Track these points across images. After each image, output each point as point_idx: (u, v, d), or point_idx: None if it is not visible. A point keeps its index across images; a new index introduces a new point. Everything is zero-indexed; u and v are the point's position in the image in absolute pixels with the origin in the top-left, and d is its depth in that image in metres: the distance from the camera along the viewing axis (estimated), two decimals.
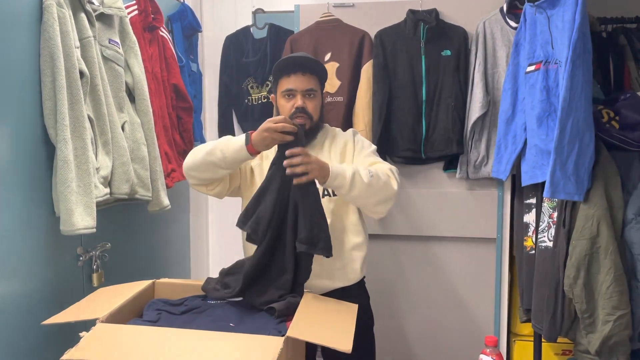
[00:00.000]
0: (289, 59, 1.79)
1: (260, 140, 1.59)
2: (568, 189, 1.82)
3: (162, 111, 2.25)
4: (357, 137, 1.88)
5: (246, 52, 2.95)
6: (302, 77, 1.74)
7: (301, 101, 1.74)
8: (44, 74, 1.59)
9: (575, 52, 1.77)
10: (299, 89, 1.74)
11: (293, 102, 1.74)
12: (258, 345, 1.25)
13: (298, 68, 1.75)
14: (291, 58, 1.79)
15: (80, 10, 1.72)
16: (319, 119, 1.82)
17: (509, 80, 2.21)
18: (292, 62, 1.76)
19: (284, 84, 1.76)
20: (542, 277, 2.00)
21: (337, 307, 1.56)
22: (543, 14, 1.97)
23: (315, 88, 1.77)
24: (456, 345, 2.62)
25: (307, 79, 1.75)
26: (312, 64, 1.78)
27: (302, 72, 1.75)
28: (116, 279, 1.82)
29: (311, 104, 1.76)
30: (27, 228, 1.58)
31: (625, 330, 1.79)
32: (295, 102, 1.74)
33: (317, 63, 1.82)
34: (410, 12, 2.49)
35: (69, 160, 1.58)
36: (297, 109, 1.73)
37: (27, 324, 1.57)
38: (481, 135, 2.44)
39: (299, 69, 1.75)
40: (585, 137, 1.81)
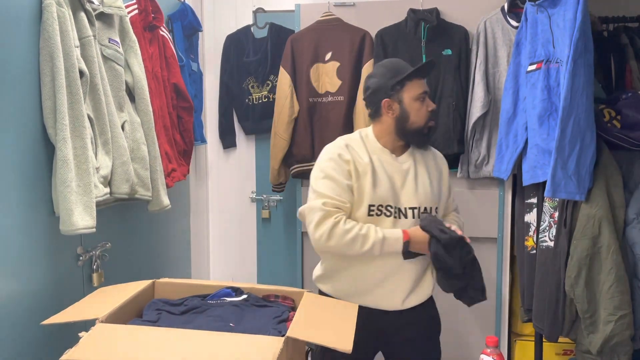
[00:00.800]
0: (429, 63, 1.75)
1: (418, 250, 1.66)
2: (569, 189, 1.82)
3: (162, 111, 2.24)
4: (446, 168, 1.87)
5: (247, 51, 2.95)
6: (424, 82, 1.74)
7: (432, 103, 1.73)
8: (44, 73, 1.58)
9: (577, 51, 1.76)
10: (427, 91, 1.73)
11: (427, 104, 1.72)
12: (258, 345, 1.25)
13: (426, 71, 1.74)
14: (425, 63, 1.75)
15: (80, 10, 1.71)
16: None
17: (510, 80, 2.20)
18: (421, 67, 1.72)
19: (417, 87, 1.70)
20: (543, 277, 2.00)
21: (337, 307, 1.56)
22: (544, 13, 1.97)
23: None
24: (457, 345, 2.61)
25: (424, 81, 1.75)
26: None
27: (424, 77, 1.75)
28: (116, 279, 1.82)
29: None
30: (27, 228, 1.58)
31: (627, 330, 1.78)
32: (429, 105, 1.72)
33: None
34: (411, 11, 2.49)
35: (69, 160, 1.58)
36: (432, 112, 1.73)
37: (27, 324, 1.57)
38: (482, 135, 2.44)
39: (427, 71, 1.75)
40: (587, 136, 1.80)
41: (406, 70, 1.70)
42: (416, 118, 1.70)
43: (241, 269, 3.18)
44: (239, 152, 3.12)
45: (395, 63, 1.76)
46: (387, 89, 1.70)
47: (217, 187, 3.16)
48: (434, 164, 1.81)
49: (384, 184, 1.70)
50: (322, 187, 1.65)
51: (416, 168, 1.75)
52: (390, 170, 1.72)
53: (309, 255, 2.75)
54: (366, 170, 1.69)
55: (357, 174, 1.69)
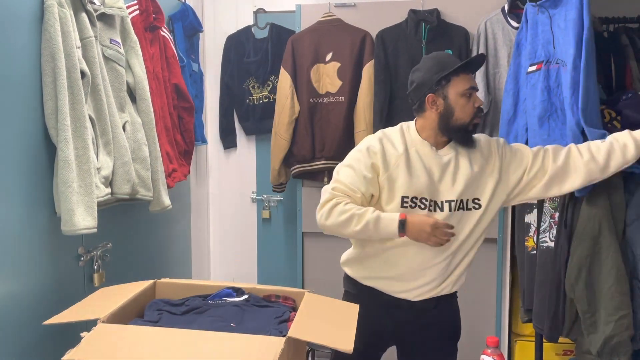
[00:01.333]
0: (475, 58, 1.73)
1: (416, 234, 1.59)
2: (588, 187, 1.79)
3: (163, 111, 2.25)
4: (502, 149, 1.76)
5: (247, 52, 2.95)
6: (471, 77, 1.69)
7: (479, 100, 1.68)
8: (45, 74, 1.59)
9: (588, 52, 1.75)
10: (475, 87, 1.68)
11: (474, 101, 1.67)
12: (259, 345, 1.25)
13: (474, 66, 1.71)
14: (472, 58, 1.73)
15: (82, 10, 1.71)
16: None
17: (511, 81, 2.20)
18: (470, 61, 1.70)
19: (464, 82, 1.66)
20: (544, 277, 2.00)
21: (338, 307, 1.56)
22: (545, 14, 1.97)
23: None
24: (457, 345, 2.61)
25: (472, 77, 1.71)
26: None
27: (472, 72, 1.72)
28: (117, 279, 1.82)
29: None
30: (28, 228, 1.58)
31: (627, 331, 1.78)
32: (476, 101, 1.67)
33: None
34: (411, 12, 2.49)
35: (70, 160, 1.58)
36: (478, 109, 1.68)
37: (29, 324, 1.57)
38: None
39: (475, 66, 1.72)
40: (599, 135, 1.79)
41: (453, 65, 1.66)
42: (461, 114, 1.66)
43: (242, 269, 3.18)
44: (239, 153, 3.12)
45: (442, 57, 1.72)
46: (432, 84, 1.66)
47: (218, 188, 3.16)
48: (479, 153, 1.73)
49: (420, 176, 1.68)
50: (341, 175, 1.69)
51: (457, 161, 1.71)
52: (429, 163, 1.70)
53: (310, 255, 2.75)
54: (399, 162, 1.68)
55: (386, 165, 1.68)
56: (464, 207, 1.70)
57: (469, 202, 1.70)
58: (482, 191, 1.71)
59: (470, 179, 1.70)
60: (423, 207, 1.68)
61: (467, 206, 1.70)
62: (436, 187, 1.69)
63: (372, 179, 1.67)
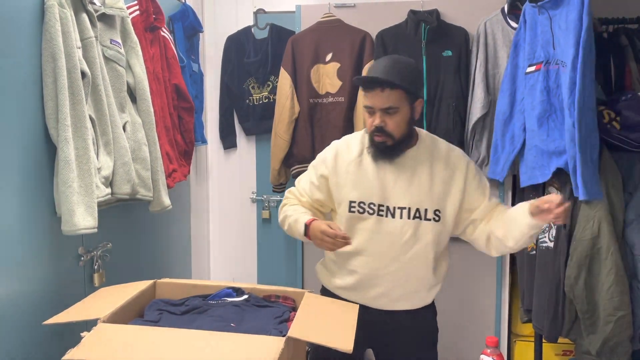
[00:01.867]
0: (366, 78, 1.71)
1: (314, 238, 1.63)
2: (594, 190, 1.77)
3: (163, 111, 2.25)
4: (470, 171, 1.74)
5: (247, 52, 2.95)
6: (380, 94, 1.62)
7: (379, 120, 1.64)
8: (46, 74, 1.59)
9: (585, 52, 1.75)
10: (377, 106, 1.64)
11: (372, 120, 1.66)
12: (259, 345, 1.25)
13: (377, 85, 1.63)
14: (369, 77, 1.68)
15: (82, 11, 1.72)
16: (405, 133, 1.69)
17: (507, 81, 2.20)
18: (367, 80, 1.67)
19: (365, 99, 1.68)
20: (543, 277, 2.00)
21: (338, 307, 1.56)
22: (545, 14, 1.97)
23: (396, 104, 1.63)
24: (457, 345, 2.62)
25: (387, 95, 1.62)
26: (392, 79, 1.62)
27: (381, 89, 1.63)
28: (117, 279, 1.82)
29: (392, 121, 1.64)
30: (29, 228, 1.58)
31: (626, 331, 1.79)
32: (374, 120, 1.65)
33: (398, 76, 1.63)
34: (411, 12, 2.49)
35: (71, 161, 1.58)
36: (375, 127, 1.66)
37: (29, 324, 1.58)
38: (482, 136, 2.44)
39: (378, 85, 1.63)
40: (593, 136, 1.80)
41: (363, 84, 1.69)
42: (368, 127, 1.71)
43: (241, 269, 3.18)
44: (239, 153, 3.12)
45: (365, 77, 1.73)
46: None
47: (218, 188, 3.17)
48: (443, 165, 1.72)
49: (370, 181, 1.70)
50: (300, 178, 1.86)
51: (415, 168, 1.71)
52: (384, 168, 1.71)
53: (310, 255, 2.75)
54: (349, 168, 1.73)
55: (335, 172, 1.75)
56: (421, 217, 1.70)
57: (427, 212, 1.69)
58: (445, 205, 1.71)
59: (429, 188, 1.69)
60: (372, 212, 1.70)
61: (425, 216, 1.70)
62: (388, 192, 1.70)
63: (319, 186, 1.79)
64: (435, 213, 1.70)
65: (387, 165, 1.71)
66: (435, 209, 1.69)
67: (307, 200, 1.80)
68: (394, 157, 1.70)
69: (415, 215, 1.69)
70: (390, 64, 1.66)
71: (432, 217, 1.69)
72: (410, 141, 1.73)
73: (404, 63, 1.69)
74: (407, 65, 1.69)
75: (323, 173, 1.77)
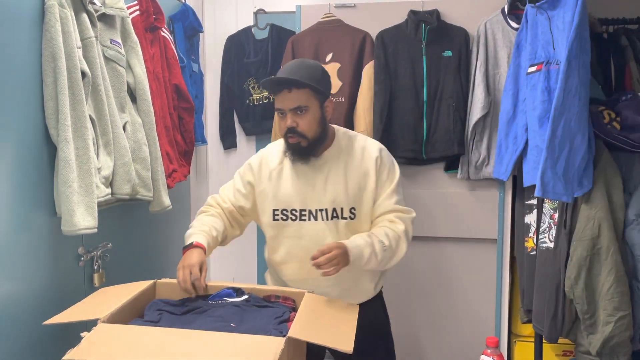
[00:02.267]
0: (272, 79, 1.71)
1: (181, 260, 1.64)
2: (557, 189, 1.82)
3: (163, 111, 2.25)
4: (382, 167, 1.76)
5: (247, 52, 2.95)
6: (288, 95, 1.65)
7: (290, 120, 1.66)
8: (46, 74, 1.59)
9: (572, 53, 1.76)
10: (286, 108, 1.67)
11: (284, 122, 1.69)
12: (259, 345, 1.25)
13: (283, 86, 1.65)
14: (274, 79, 1.70)
15: (82, 11, 1.72)
16: (320, 132, 1.72)
17: (510, 81, 2.21)
18: (275, 82, 1.68)
19: (276, 102, 1.70)
20: (543, 278, 2.00)
21: (339, 307, 1.56)
22: (544, 15, 1.97)
23: (305, 103, 1.66)
24: (457, 345, 2.62)
25: (294, 95, 1.65)
26: (299, 77, 1.63)
27: (288, 89, 1.65)
28: (117, 279, 1.82)
29: (303, 121, 1.67)
30: (29, 228, 1.58)
31: (626, 331, 1.79)
32: (286, 122, 1.67)
33: (304, 75, 1.65)
34: (411, 12, 2.49)
35: (71, 161, 1.58)
36: (287, 129, 1.68)
37: (29, 324, 1.58)
38: (482, 136, 2.44)
39: (284, 86, 1.65)
40: (577, 139, 1.80)
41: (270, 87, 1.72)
42: (279, 131, 1.74)
43: (241, 270, 3.18)
44: (239, 153, 3.12)
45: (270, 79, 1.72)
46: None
47: (218, 188, 3.15)
48: (358, 164, 1.74)
49: (289, 188, 1.74)
50: (225, 184, 1.89)
51: (331, 168, 1.74)
52: (303, 172, 1.74)
53: None
54: (272, 176, 1.77)
55: (259, 180, 1.78)
56: (338, 216, 1.73)
57: (344, 211, 1.72)
58: (361, 202, 1.73)
59: (344, 187, 1.72)
60: (294, 218, 1.74)
61: (342, 215, 1.72)
62: (308, 196, 1.73)
63: (246, 194, 1.82)
64: (351, 211, 1.73)
65: (305, 169, 1.74)
66: (351, 207, 1.73)
67: (229, 207, 1.83)
68: (309, 157, 1.72)
69: (332, 216, 1.73)
70: (296, 65, 1.71)
71: (348, 216, 1.73)
72: (325, 141, 1.75)
73: (310, 64, 1.74)
74: (313, 65, 1.73)
75: (250, 180, 1.81)
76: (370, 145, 1.79)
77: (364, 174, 1.74)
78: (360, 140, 1.80)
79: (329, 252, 1.54)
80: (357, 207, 1.73)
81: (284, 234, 1.78)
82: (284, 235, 1.78)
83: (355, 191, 1.73)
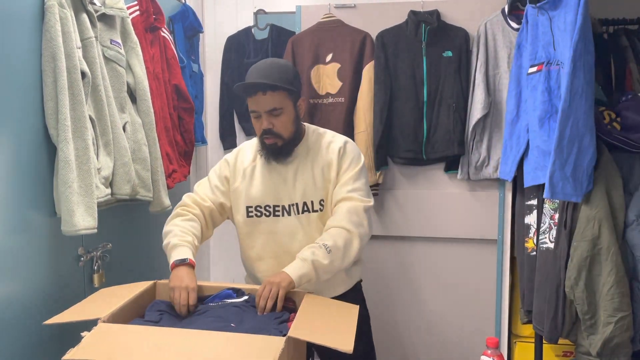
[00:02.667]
0: (245, 84, 1.71)
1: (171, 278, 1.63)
2: (566, 190, 1.82)
3: (163, 112, 2.25)
4: (344, 156, 1.78)
5: (247, 52, 2.95)
6: (263, 97, 1.67)
7: (266, 122, 1.69)
8: (46, 74, 1.59)
9: (576, 53, 1.76)
10: (262, 110, 1.69)
11: (260, 124, 1.71)
12: (259, 345, 1.25)
13: (256, 89, 1.68)
14: (248, 84, 1.70)
15: (82, 11, 1.72)
16: (294, 132, 1.76)
17: (513, 82, 2.20)
18: (248, 85, 1.69)
19: (249, 105, 1.73)
20: (543, 278, 2.00)
21: (339, 308, 1.56)
22: (545, 15, 1.97)
23: (280, 105, 1.69)
24: (457, 346, 2.62)
25: (269, 97, 1.67)
26: (270, 81, 1.66)
27: (262, 92, 1.67)
28: (117, 280, 1.82)
29: (279, 122, 1.70)
30: (28, 228, 1.58)
31: (627, 332, 1.78)
32: (262, 124, 1.70)
33: (277, 77, 1.68)
34: (411, 13, 2.49)
35: (71, 161, 1.58)
36: (263, 130, 1.71)
37: (29, 324, 1.57)
38: (482, 137, 2.44)
39: (257, 89, 1.67)
40: (585, 139, 1.80)
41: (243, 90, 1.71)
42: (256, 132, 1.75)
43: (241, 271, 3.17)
44: None
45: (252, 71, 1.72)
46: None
47: None
48: (324, 156, 1.78)
49: (261, 185, 1.76)
50: (200, 183, 1.87)
51: (298, 164, 1.77)
52: (275, 169, 1.77)
53: None
54: (246, 174, 1.79)
55: (234, 177, 1.80)
56: (309, 210, 1.76)
57: (314, 204, 1.76)
58: (327, 193, 1.77)
59: (311, 180, 1.75)
60: (268, 214, 1.77)
61: (312, 208, 1.76)
62: (280, 192, 1.76)
63: (224, 191, 1.82)
64: (320, 203, 1.77)
65: (277, 166, 1.77)
66: (320, 199, 1.76)
67: (209, 205, 1.82)
68: (286, 157, 1.75)
69: (304, 209, 1.76)
70: (267, 66, 1.72)
71: (319, 208, 1.76)
72: (299, 139, 1.79)
73: (282, 64, 1.77)
74: (284, 66, 1.76)
75: (226, 175, 1.82)
76: (336, 140, 1.82)
77: (328, 165, 1.78)
78: (328, 136, 1.84)
79: (262, 291, 1.55)
80: (325, 199, 1.77)
81: (259, 230, 1.80)
82: (258, 231, 1.80)
83: (322, 183, 1.77)
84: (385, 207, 2.60)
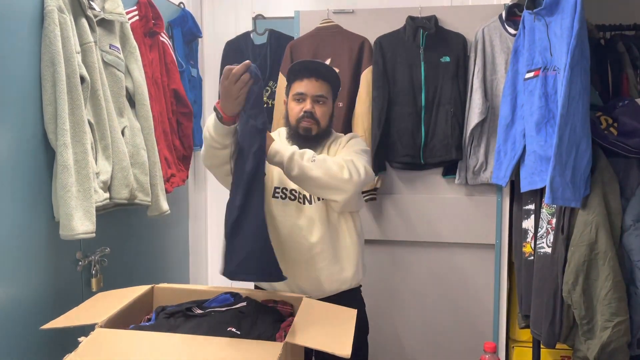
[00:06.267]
0: (303, 62, 1.82)
1: (224, 100, 1.51)
2: (566, 195, 1.83)
3: (162, 116, 2.25)
4: (350, 140, 1.85)
5: (246, 57, 2.94)
6: (315, 83, 1.76)
7: (310, 105, 1.75)
8: (45, 79, 1.59)
9: (574, 59, 1.77)
10: (310, 93, 1.76)
11: (302, 106, 1.76)
12: (257, 350, 1.25)
13: (311, 73, 1.76)
14: (305, 62, 1.82)
15: (81, 16, 1.72)
16: (327, 126, 1.83)
17: (508, 87, 2.22)
18: (305, 67, 1.79)
19: (296, 87, 1.78)
20: (541, 283, 2.00)
21: (336, 312, 1.56)
22: (542, 21, 1.98)
23: (326, 95, 1.78)
24: (455, 351, 2.62)
25: (320, 84, 1.76)
26: (325, 70, 1.80)
27: (316, 78, 1.76)
28: (115, 284, 1.82)
29: (320, 110, 1.77)
30: (27, 232, 1.58)
31: (624, 337, 1.79)
32: (305, 106, 1.75)
33: (331, 71, 1.83)
34: (409, 18, 2.50)
35: (69, 165, 1.59)
36: (305, 112, 1.75)
37: (26, 329, 1.57)
38: (480, 142, 2.45)
39: (313, 74, 1.76)
40: (582, 143, 1.81)
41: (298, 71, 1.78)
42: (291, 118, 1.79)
43: None
44: None
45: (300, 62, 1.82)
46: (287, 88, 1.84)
47: (216, 193, 3.16)
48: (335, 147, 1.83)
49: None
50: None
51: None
52: None
53: None
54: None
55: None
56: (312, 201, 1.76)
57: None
58: None
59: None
60: (293, 198, 1.77)
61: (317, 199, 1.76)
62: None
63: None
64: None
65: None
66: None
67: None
68: (315, 146, 1.76)
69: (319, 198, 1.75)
70: (318, 62, 1.87)
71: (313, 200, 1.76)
72: (328, 136, 1.84)
73: (328, 66, 1.91)
74: (330, 67, 1.91)
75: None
76: (350, 134, 1.90)
77: (338, 147, 1.83)
78: (340, 135, 1.91)
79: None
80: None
81: (282, 213, 1.76)
82: (281, 213, 1.77)
83: None
84: (383, 211, 2.61)
